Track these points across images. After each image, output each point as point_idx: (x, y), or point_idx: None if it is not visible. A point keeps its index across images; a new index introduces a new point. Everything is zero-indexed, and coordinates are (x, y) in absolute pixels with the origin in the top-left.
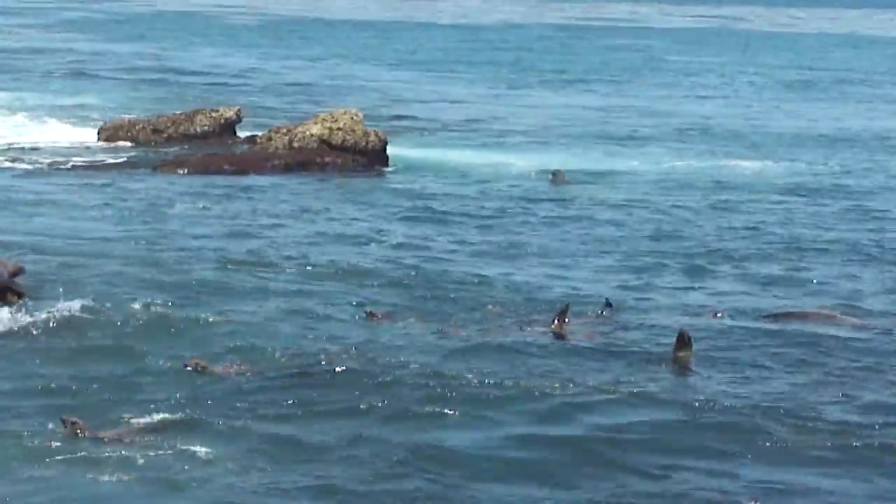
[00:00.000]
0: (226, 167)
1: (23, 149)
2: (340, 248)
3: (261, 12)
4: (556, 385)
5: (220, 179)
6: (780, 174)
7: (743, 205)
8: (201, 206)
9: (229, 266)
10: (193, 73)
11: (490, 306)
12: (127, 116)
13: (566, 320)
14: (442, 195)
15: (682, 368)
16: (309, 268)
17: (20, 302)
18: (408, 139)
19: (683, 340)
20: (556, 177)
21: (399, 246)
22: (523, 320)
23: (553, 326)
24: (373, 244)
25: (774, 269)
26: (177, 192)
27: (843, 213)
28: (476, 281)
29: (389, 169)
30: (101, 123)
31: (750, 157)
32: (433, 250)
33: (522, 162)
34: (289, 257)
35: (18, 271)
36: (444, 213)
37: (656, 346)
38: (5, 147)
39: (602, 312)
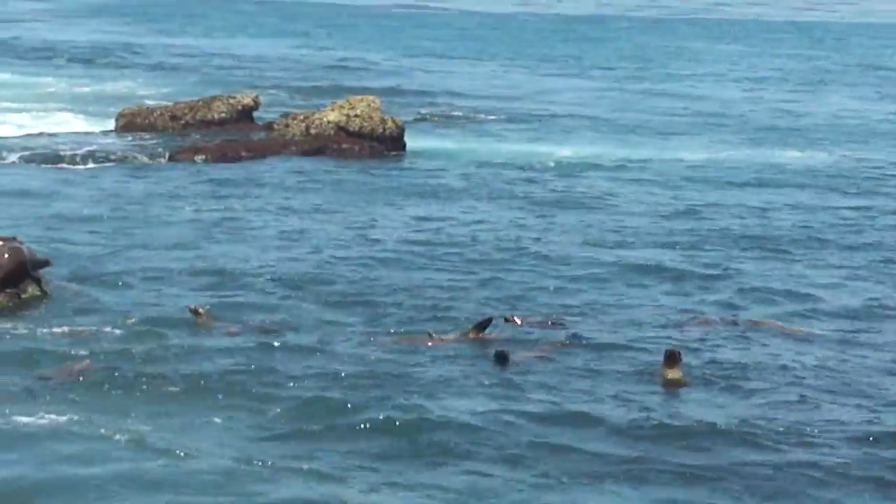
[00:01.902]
0: (243, 154)
1: (39, 135)
2: (312, 245)
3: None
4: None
5: (233, 170)
6: (823, 167)
7: (776, 201)
8: (207, 199)
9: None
10: (213, 58)
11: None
12: (145, 103)
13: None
14: (446, 185)
15: (672, 389)
16: (268, 278)
17: (33, 295)
18: (426, 126)
19: (674, 358)
20: (553, 167)
21: (379, 240)
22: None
23: (466, 335)
24: (355, 238)
25: (789, 272)
26: (186, 183)
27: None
28: (440, 284)
29: (404, 156)
30: (118, 111)
31: (790, 148)
32: (420, 244)
33: (540, 150)
34: (262, 259)
35: (44, 263)
36: (444, 201)
37: (626, 362)
38: (21, 135)
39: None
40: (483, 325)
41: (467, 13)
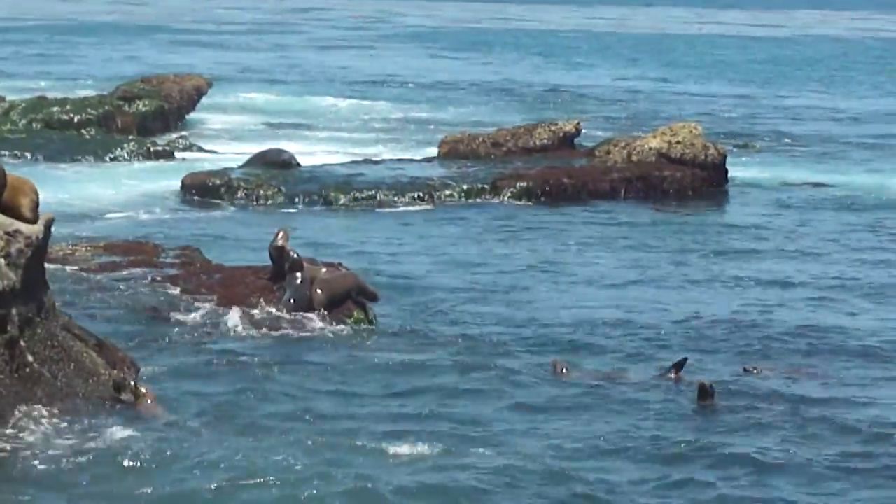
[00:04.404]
0: (564, 180)
1: (363, 162)
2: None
3: (597, 30)
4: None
5: (550, 212)
6: None
7: None
8: (526, 242)
9: None
10: (533, 86)
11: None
12: (467, 130)
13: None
14: (770, 225)
15: None
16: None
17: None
18: (749, 155)
19: None
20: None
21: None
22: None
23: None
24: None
25: None
26: (504, 222)
27: None
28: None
29: (727, 189)
30: (441, 137)
31: None
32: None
33: (868, 181)
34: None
35: (372, 296)
36: (770, 248)
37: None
38: (346, 162)
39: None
40: (679, 366)
41: (810, 38)
